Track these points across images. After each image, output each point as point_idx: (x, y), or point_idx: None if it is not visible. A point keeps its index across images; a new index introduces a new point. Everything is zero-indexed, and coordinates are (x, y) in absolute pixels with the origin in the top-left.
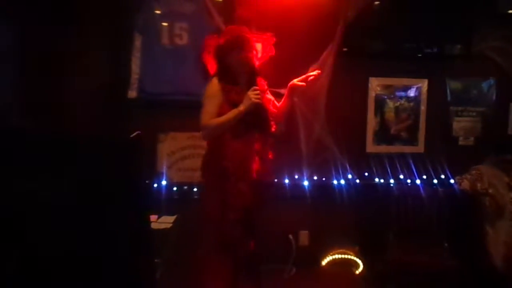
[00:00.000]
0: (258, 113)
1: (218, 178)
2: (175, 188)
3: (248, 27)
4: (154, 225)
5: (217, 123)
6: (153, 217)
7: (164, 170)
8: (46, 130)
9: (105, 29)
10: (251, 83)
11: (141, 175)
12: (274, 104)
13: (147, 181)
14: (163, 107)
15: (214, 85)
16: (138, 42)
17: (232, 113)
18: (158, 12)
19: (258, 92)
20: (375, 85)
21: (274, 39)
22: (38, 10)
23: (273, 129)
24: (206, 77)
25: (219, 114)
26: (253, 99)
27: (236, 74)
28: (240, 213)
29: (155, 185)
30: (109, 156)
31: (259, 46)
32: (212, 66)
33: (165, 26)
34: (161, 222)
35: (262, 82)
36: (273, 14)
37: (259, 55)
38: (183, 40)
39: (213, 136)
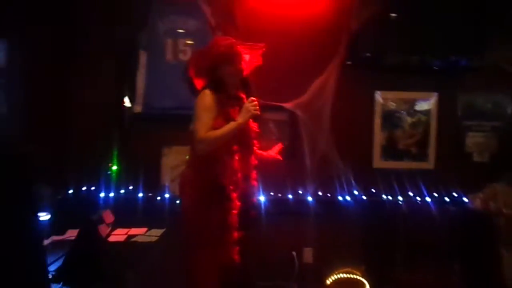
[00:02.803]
0: (246, 130)
1: (213, 197)
2: (178, 201)
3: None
4: (140, 238)
5: (216, 136)
6: (142, 230)
7: (168, 183)
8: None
9: (111, 46)
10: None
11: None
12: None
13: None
14: (167, 121)
15: (209, 96)
16: (143, 58)
17: (231, 126)
18: (162, 28)
19: (256, 103)
20: (382, 98)
21: (263, 49)
22: (43, 27)
23: (255, 148)
24: (193, 91)
25: (213, 127)
26: (252, 111)
27: (226, 86)
28: (239, 233)
29: (159, 198)
30: None
31: (246, 57)
32: (198, 80)
33: (169, 42)
34: (148, 235)
35: (243, 96)
36: (276, 27)
37: (246, 65)
38: (187, 56)
39: (209, 150)
